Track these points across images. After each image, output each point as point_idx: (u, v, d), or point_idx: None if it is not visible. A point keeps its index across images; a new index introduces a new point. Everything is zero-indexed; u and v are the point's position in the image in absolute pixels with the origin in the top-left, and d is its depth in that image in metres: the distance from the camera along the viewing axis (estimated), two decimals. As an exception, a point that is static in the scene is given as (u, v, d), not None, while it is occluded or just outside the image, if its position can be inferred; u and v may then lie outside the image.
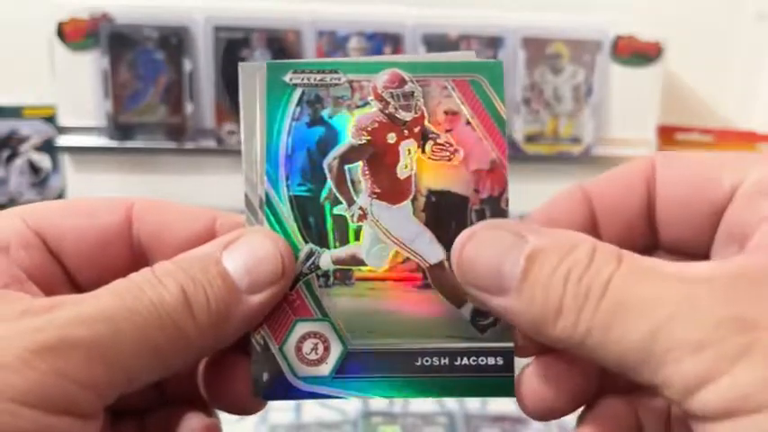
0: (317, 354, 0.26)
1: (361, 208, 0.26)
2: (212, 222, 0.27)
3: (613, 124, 0.89)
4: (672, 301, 0.20)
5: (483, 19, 0.86)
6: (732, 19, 0.99)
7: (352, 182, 0.26)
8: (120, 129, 0.84)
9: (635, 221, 0.26)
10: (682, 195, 0.25)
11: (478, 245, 0.24)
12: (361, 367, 0.26)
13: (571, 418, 0.26)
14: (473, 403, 0.76)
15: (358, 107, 0.26)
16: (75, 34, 0.82)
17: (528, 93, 0.88)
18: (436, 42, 0.86)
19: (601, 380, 0.26)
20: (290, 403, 0.75)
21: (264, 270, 0.24)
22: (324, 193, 0.26)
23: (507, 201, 0.26)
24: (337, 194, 0.26)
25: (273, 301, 0.25)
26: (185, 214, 0.27)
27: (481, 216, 0.26)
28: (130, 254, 0.26)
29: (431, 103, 0.26)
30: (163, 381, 0.27)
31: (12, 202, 0.92)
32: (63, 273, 0.26)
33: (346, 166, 0.26)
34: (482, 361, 0.25)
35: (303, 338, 0.25)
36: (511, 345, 0.25)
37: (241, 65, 0.27)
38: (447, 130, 0.26)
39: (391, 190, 0.26)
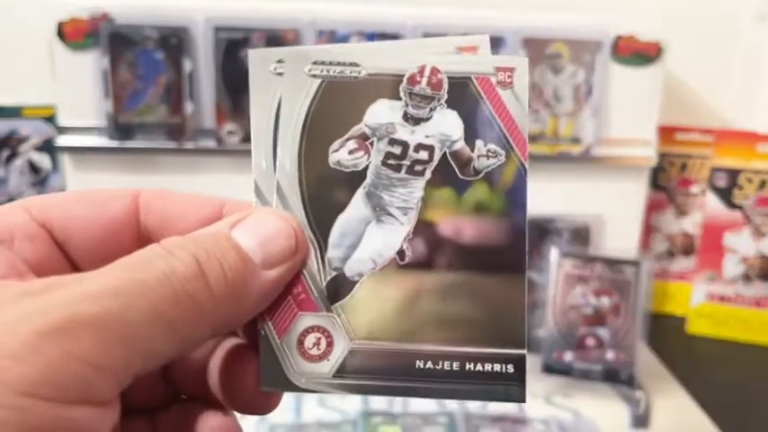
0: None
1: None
2: (220, 209, 0.26)
3: (613, 124, 0.89)
4: None
5: (483, 19, 0.86)
6: (732, 19, 0.99)
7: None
8: (120, 129, 0.84)
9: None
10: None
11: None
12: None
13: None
14: (473, 403, 0.76)
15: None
16: (75, 34, 0.82)
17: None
18: (436, 42, 0.85)
19: None
20: (291, 403, 0.75)
21: (278, 245, 0.24)
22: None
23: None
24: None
25: (288, 278, 0.24)
26: (193, 202, 0.26)
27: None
28: (138, 243, 0.26)
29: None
30: (173, 377, 0.27)
31: (11, 201, 0.92)
32: (69, 264, 0.25)
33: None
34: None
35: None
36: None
37: (251, 51, 0.26)
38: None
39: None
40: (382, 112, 0.26)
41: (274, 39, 0.84)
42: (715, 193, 0.94)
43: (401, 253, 0.26)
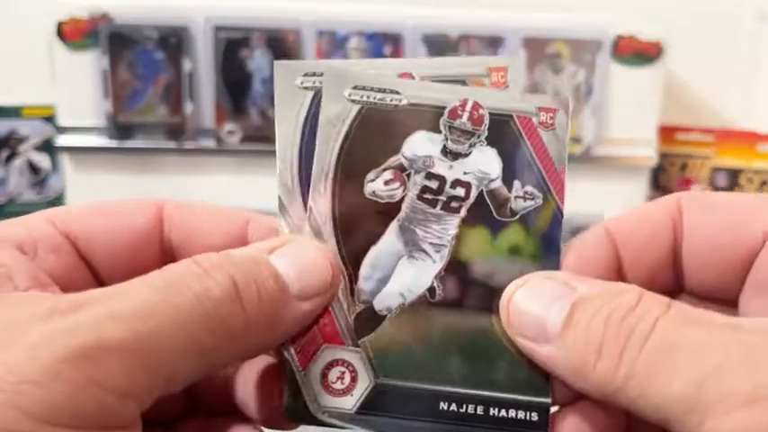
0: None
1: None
2: (245, 224, 0.26)
3: (614, 124, 0.89)
4: (723, 348, 0.19)
5: (483, 19, 0.86)
6: (732, 19, 0.99)
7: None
8: (120, 129, 0.84)
9: (660, 265, 0.25)
10: (710, 239, 0.24)
11: (528, 294, 0.23)
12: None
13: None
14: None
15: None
16: (74, 34, 0.82)
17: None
18: (436, 42, 0.85)
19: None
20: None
21: (315, 278, 0.23)
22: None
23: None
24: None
25: (319, 311, 0.24)
26: (217, 215, 0.26)
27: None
28: (161, 256, 0.26)
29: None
30: (196, 390, 0.27)
31: (11, 201, 0.92)
32: (93, 276, 0.25)
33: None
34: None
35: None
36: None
37: (277, 64, 0.25)
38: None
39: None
40: (421, 144, 0.25)
41: (274, 39, 0.84)
42: (715, 193, 0.94)
43: (432, 290, 0.25)
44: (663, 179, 0.99)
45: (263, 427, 0.26)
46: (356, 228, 0.25)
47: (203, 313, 0.20)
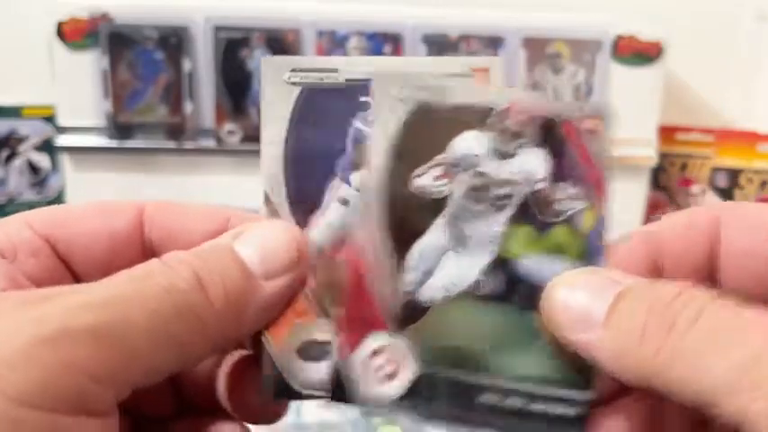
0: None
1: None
2: (226, 222, 0.26)
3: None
4: None
5: (483, 19, 0.86)
6: (732, 19, 0.99)
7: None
8: (120, 129, 0.84)
9: (699, 273, 0.25)
10: (747, 247, 0.24)
11: (572, 286, 0.23)
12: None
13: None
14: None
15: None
16: (74, 34, 0.82)
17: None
18: (436, 42, 0.85)
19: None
20: (290, 404, 0.75)
21: (279, 256, 0.24)
22: None
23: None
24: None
25: (291, 289, 0.24)
26: (198, 215, 0.26)
27: None
28: (143, 257, 0.25)
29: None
30: (183, 389, 0.27)
31: (11, 202, 0.92)
32: (73, 279, 0.25)
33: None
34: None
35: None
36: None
37: (265, 59, 0.26)
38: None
39: None
40: (469, 143, 0.25)
41: (274, 39, 0.84)
42: (716, 193, 0.94)
43: (476, 285, 0.25)
44: (663, 179, 0.99)
45: (246, 423, 0.26)
46: (404, 221, 0.25)
47: (171, 303, 0.20)
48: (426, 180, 0.25)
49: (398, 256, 0.25)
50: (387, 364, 0.25)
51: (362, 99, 0.26)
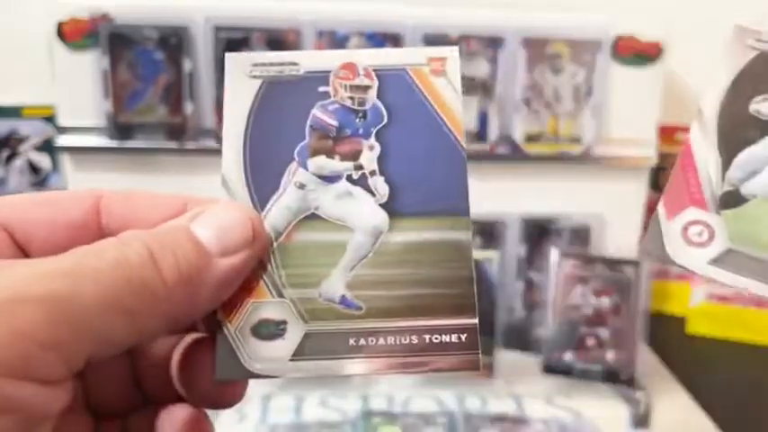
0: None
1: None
2: (183, 208, 0.26)
3: (613, 124, 0.89)
4: None
5: (483, 19, 0.86)
6: (732, 19, 0.99)
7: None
8: (120, 129, 0.84)
9: None
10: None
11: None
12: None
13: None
14: (473, 403, 0.76)
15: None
16: (74, 34, 0.82)
17: (528, 93, 0.88)
18: (436, 42, 0.86)
19: None
20: (291, 403, 0.75)
21: (234, 233, 0.24)
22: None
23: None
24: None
25: (246, 267, 0.24)
26: (155, 203, 0.26)
27: None
28: None
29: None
30: (143, 382, 0.27)
31: None
32: None
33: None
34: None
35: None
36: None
37: (228, 55, 0.28)
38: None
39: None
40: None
41: (274, 39, 0.84)
42: (715, 193, 0.94)
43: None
44: (663, 179, 0.99)
45: (204, 407, 0.27)
46: (740, 137, 0.31)
47: (123, 275, 0.21)
48: (763, 106, 0.32)
49: (727, 155, 0.31)
50: (700, 233, 0.30)
51: (321, 89, 0.27)
